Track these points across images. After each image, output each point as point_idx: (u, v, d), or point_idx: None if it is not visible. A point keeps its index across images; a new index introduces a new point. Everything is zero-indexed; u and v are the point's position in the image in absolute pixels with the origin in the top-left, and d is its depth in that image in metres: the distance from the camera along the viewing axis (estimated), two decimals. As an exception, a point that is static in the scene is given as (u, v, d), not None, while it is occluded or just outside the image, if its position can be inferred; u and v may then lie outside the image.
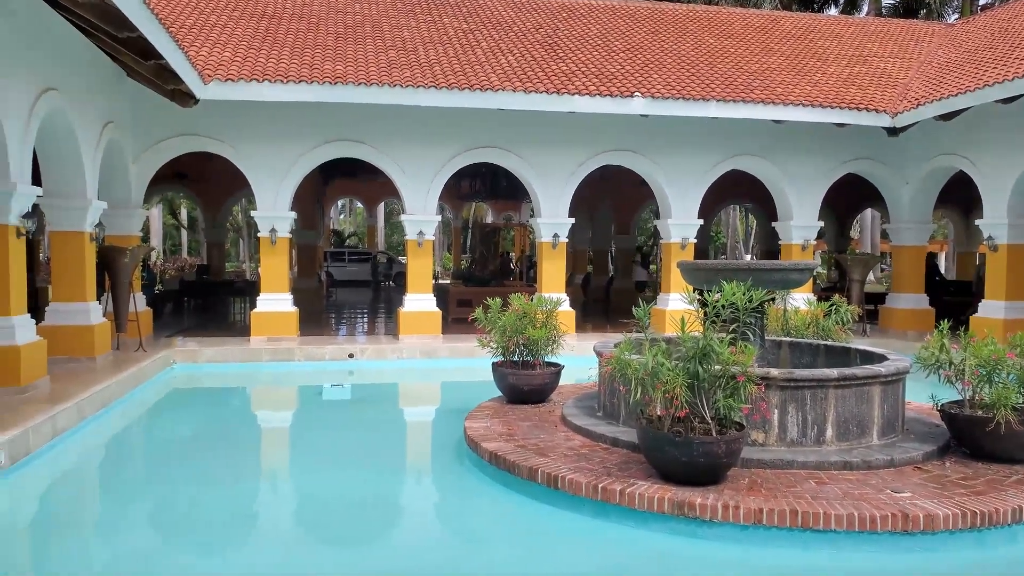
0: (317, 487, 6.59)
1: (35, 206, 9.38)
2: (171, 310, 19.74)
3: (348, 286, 33.42)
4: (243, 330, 14.81)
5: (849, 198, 21.25)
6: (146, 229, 32.03)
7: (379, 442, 8.42)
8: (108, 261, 11.98)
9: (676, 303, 14.16)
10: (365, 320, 19.86)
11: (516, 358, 8.79)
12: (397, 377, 12.94)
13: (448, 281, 25.78)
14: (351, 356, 13.27)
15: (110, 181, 12.80)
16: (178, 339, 13.88)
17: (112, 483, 7.07)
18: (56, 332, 10.35)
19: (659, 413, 5.73)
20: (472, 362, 13.19)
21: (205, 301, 21.60)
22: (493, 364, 8.89)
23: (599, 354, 7.78)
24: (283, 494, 6.68)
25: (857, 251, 27.75)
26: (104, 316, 11.65)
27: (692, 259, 15.31)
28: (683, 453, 5.53)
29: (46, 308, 11.01)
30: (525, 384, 8.51)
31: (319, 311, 20.58)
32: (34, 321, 9.26)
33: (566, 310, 13.82)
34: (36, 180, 9.52)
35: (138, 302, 12.96)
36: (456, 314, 16.83)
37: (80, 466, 7.54)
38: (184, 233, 43.19)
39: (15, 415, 7.45)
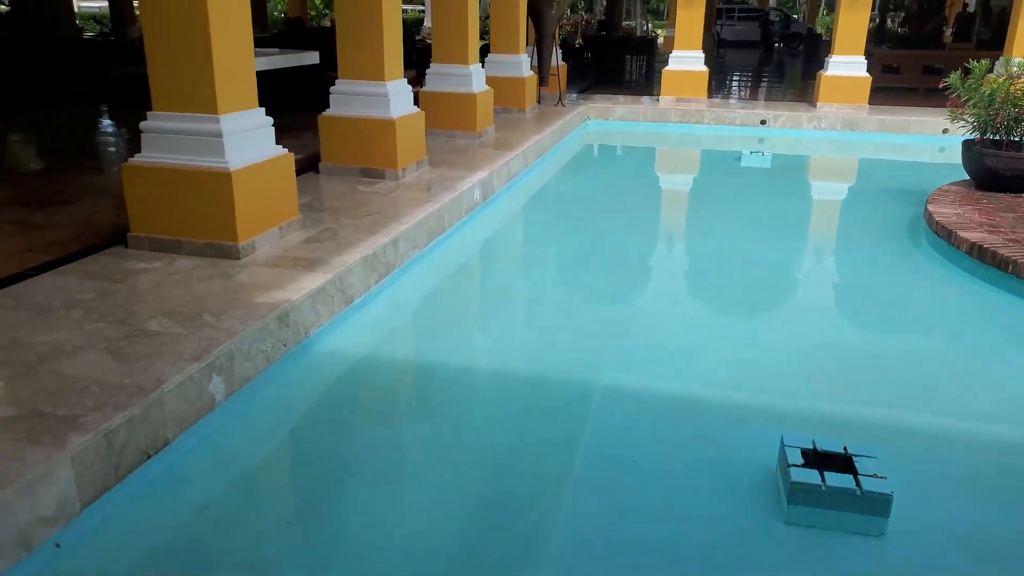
0: (761, 256, 6.35)
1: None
2: (572, 66, 20.16)
3: (736, 47, 31.40)
4: (645, 88, 14.62)
5: None
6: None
7: (819, 217, 7.89)
8: (536, 12, 12.21)
9: None
10: (766, 85, 18.49)
11: (997, 136, 7.38)
12: (813, 148, 11.93)
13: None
14: (763, 123, 12.50)
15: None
16: (582, 96, 14.15)
17: (555, 225, 7.54)
18: (494, 83, 11.02)
19: None
20: (903, 138, 11.72)
21: (607, 57, 21.66)
22: (965, 142, 7.62)
23: None
24: (720, 255, 6.45)
25: None
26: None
27: None
28: None
29: (485, 59, 11.69)
30: (1007, 168, 7.17)
31: (714, 73, 19.57)
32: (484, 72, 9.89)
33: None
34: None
35: (558, 56, 13.27)
36: (881, 82, 14.81)
37: (531, 207, 8.21)
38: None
39: (478, 159, 8.22)
